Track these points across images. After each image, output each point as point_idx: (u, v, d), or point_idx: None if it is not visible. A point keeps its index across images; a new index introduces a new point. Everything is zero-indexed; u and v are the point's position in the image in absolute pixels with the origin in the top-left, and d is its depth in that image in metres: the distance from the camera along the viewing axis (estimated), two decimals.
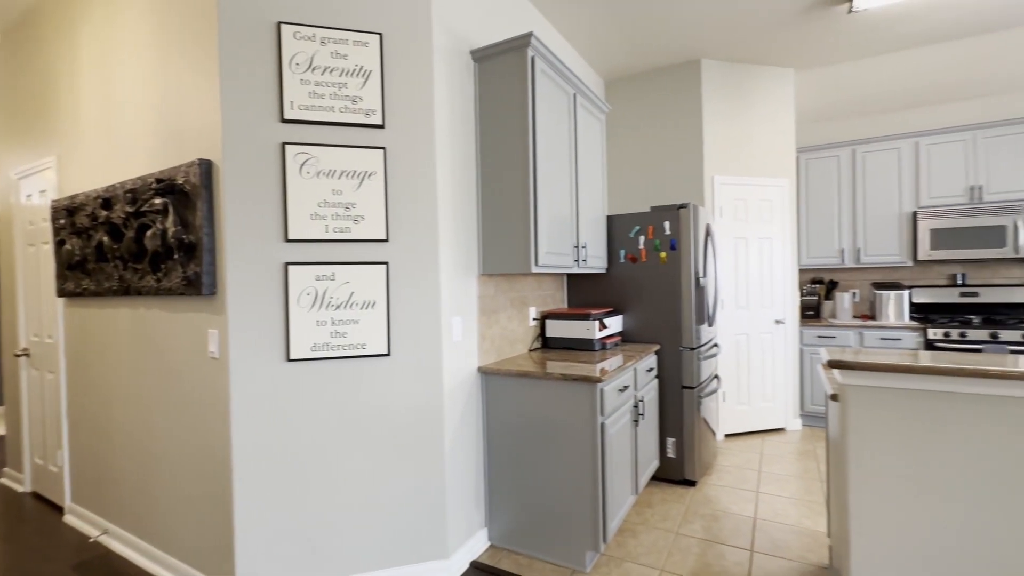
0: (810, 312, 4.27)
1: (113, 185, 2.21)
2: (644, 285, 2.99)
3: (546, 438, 2.15)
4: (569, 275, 3.26)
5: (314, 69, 1.87)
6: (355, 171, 1.92)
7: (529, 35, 2.12)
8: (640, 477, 2.56)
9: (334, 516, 1.90)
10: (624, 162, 3.93)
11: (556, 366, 2.24)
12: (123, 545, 2.29)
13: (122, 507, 2.32)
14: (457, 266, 2.17)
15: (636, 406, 2.49)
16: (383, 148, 1.96)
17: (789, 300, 3.85)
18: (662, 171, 3.79)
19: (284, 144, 1.83)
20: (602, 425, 2.06)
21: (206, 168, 1.84)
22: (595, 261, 2.85)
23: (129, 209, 2.11)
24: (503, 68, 2.23)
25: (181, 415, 2.01)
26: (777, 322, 3.83)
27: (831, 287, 4.32)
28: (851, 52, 3.56)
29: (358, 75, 1.93)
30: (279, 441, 1.84)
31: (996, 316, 3.69)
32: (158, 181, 1.96)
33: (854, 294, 4.17)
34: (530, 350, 2.74)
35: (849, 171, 4.02)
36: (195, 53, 1.89)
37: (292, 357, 1.85)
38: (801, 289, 4.32)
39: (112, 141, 2.29)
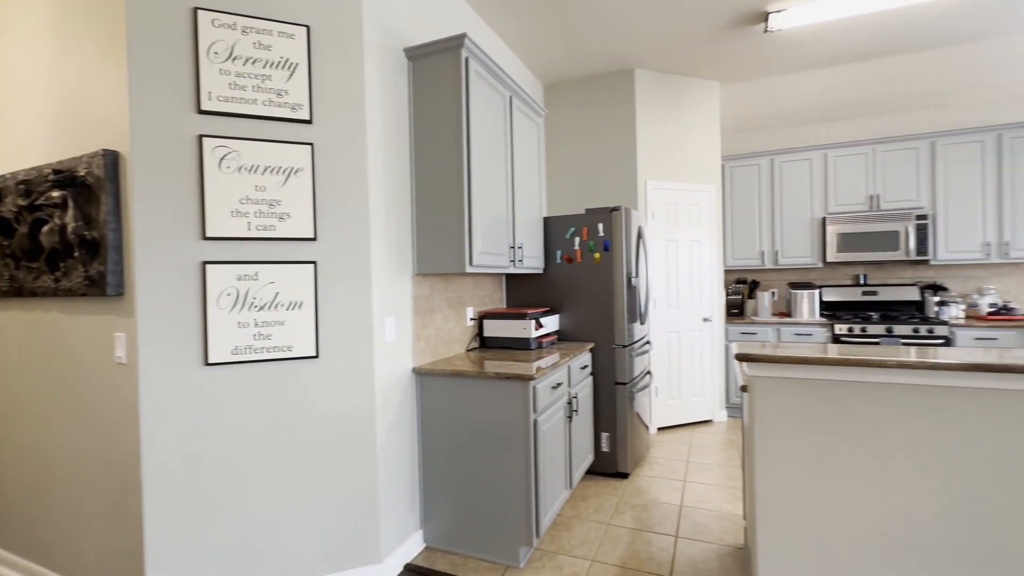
0: (735, 310, 4.55)
1: (3, 176, 2.01)
2: (580, 285, 3.08)
3: (481, 437, 2.16)
4: (508, 275, 3.30)
5: (235, 59, 1.79)
6: (280, 167, 1.85)
7: (463, 36, 2.14)
8: (574, 472, 2.63)
9: (258, 525, 1.83)
10: (564, 164, 4.02)
11: (491, 365, 2.26)
12: (13, 572, 2.08)
13: (11, 530, 2.10)
14: (390, 266, 2.14)
15: (570, 403, 2.56)
16: (311, 144, 1.90)
17: (716, 299, 4.09)
18: (599, 174, 3.91)
19: (201, 136, 1.74)
20: (535, 422, 2.10)
21: (112, 159, 1.72)
22: (532, 261, 2.90)
23: (22, 202, 1.92)
24: (437, 68, 2.23)
25: (84, 426, 1.86)
26: (705, 320, 4.06)
27: (753, 287, 4.62)
28: (768, 69, 3.84)
29: (283, 68, 1.86)
30: (196, 450, 1.74)
31: (892, 312, 4.09)
32: (56, 172, 1.80)
33: (773, 293, 4.48)
34: (467, 350, 2.75)
35: (768, 179, 4.32)
36: (101, 37, 1.75)
37: (211, 361, 1.75)
38: (727, 289, 4.60)
39: (2, 129, 2.08)
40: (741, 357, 1.51)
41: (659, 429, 3.94)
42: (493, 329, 2.82)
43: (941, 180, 3.83)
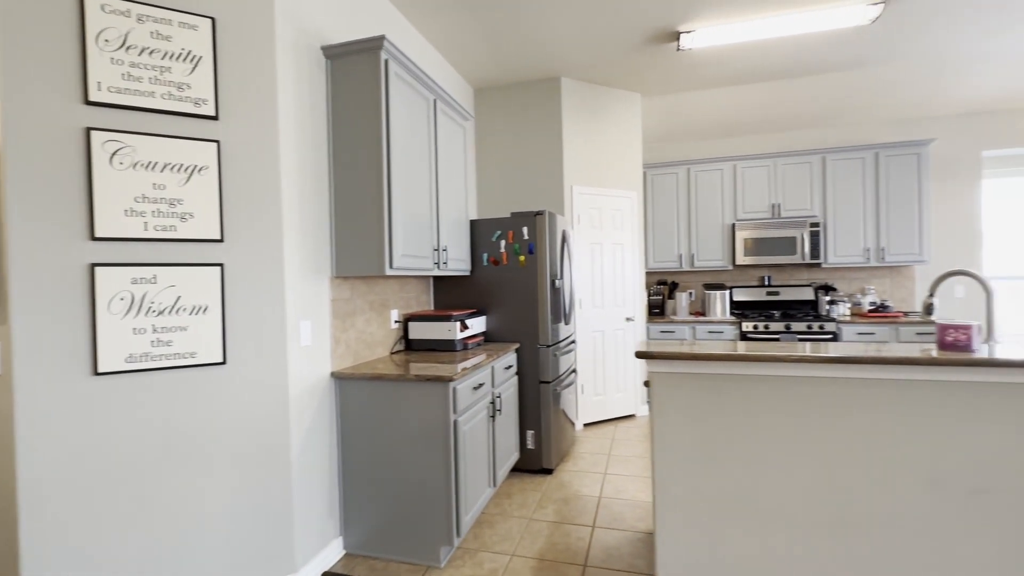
0: (656, 310, 4.81)
1: None
2: (505, 287, 3.14)
3: (401, 439, 2.17)
4: (436, 277, 3.31)
5: (129, 48, 1.68)
6: (182, 164, 1.76)
7: (382, 38, 2.13)
8: (498, 470, 2.68)
9: (158, 542, 1.72)
10: (495, 168, 4.08)
11: (412, 367, 2.27)
12: None
13: None
14: (306, 268, 2.09)
15: (493, 402, 2.61)
16: (217, 141, 1.82)
17: (638, 300, 4.31)
18: (529, 178, 4.01)
19: (89, 129, 1.62)
20: (455, 423, 2.14)
21: None
22: (457, 264, 2.93)
23: None
24: (356, 68, 2.20)
25: None
26: (628, 319, 4.27)
27: (673, 287, 4.92)
28: (683, 84, 4.10)
29: (185, 60, 1.77)
30: (85, 467, 1.62)
31: (791, 311, 4.50)
32: None
33: (691, 294, 4.79)
34: (392, 352, 2.73)
35: (685, 187, 4.61)
36: None
37: (101, 370, 1.64)
38: (649, 289, 4.85)
39: None
40: (640, 355, 1.62)
41: (585, 425, 4.09)
42: (418, 331, 2.82)
43: (830, 191, 4.27)
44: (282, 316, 1.95)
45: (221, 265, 1.83)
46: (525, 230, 3.08)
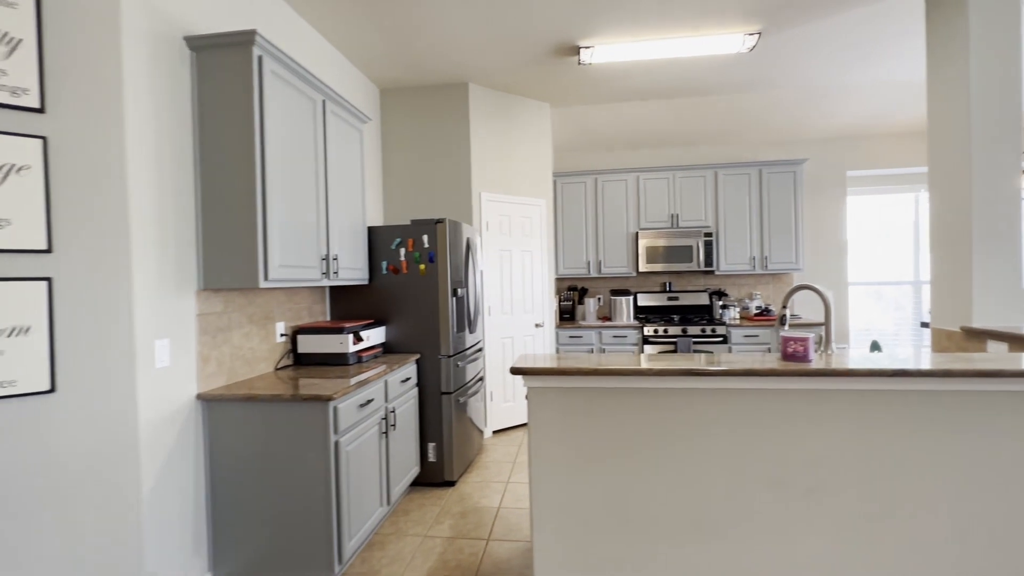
0: (567, 315, 4.93)
1: None
2: (406, 296, 3.05)
3: (278, 463, 2.02)
4: (332, 287, 3.15)
5: None
6: None
7: (253, 32, 1.97)
8: (393, 488, 2.59)
9: None
10: (403, 171, 3.97)
11: (293, 385, 2.12)
12: None
13: None
14: (164, 281, 1.89)
15: (386, 418, 2.52)
16: (43, 138, 1.59)
17: (547, 306, 4.38)
18: (437, 183, 3.93)
19: None
20: (336, 444, 2.02)
21: None
22: (351, 273, 2.80)
23: None
24: (225, 63, 2.02)
25: None
26: (537, 325, 4.32)
27: (583, 293, 5.06)
28: (586, 97, 4.23)
29: (1, 43, 1.53)
30: None
31: (689, 315, 4.79)
32: None
33: (599, 299, 4.95)
34: (277, 368, 2.55)
35: (593, 196, 4.76)
36: None
37: None
38: (560, 295, 4.96)
39: None
40: (514, 371, 1.62)
41: (494, 432, 4.09)
42: (308, 345, 2.66)
43: (722, 204, 4.59)
44: (129, 335, 1.74)
45: (49, 280, 1.60)
46: (425, 238, 3.01)
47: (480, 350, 3.68)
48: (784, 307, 1.93)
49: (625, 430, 1.63)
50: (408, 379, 2.85)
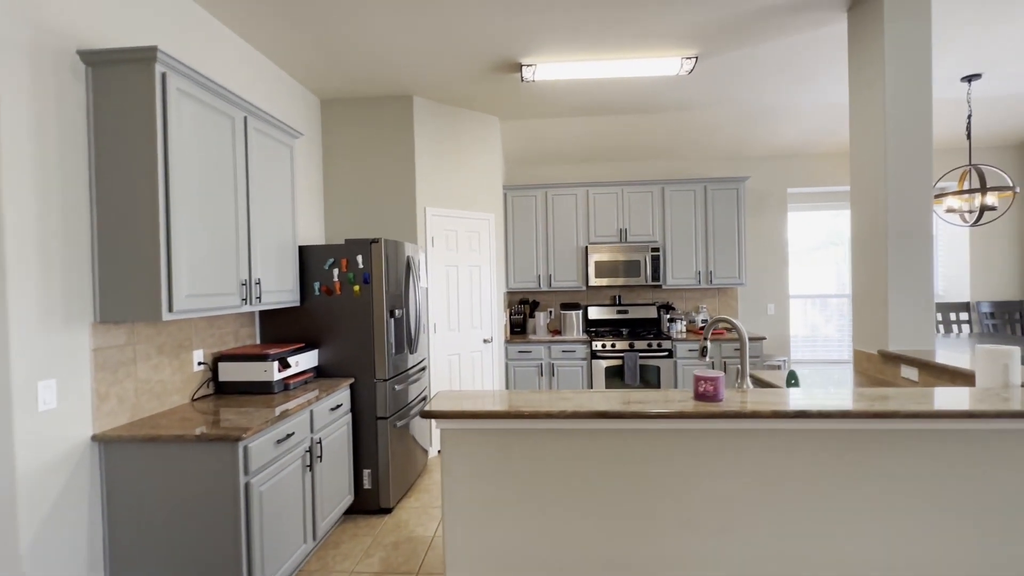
0: (518, 328, 4.89)
1: None
2: (340, 318, 2.95)
3: (184, 509, 1.89)
4: (262, 310, 3.00)
5: None
6: None
7: (154, 48, 1.84)
8: (321, 521, 2.49)
9: None
10: (347, 185, 3.85)
11: (201, 421, 2.00)
12: None
13: None
14: (49, 314, 1.74)
15: (311, 450, 2.41)
16: None
17: (496, 321, 4.34)
18: (382, 198, 3.84)
19: None
20: (247, 485, 1.91)
21: None
22: (277, 296, 2.68)
23: None
24: (125, 80, 1.88)
25: None
26: (486, 341, 4.27)
27: (534, 307, 5.04)
28: (535, 111, 4.22)
29: None
30: None
31: (638, 329, 4.84)
32: None
33: (550, 313, 4.94)
34: (194, 399, 2.41)
35: (543, 210, 4.75)
36: None
37: None
38: (511, 308, 4.93)
39: None
40: (424, 414, 1.56)
41: (439, 451, 4.00)
42: (230, 373, 2.52)
43: (669, 219, 4.66)
44: (5, 377, 1.59)
45: None
46: (359, 258, 2.92)
47: (423, 369, 3.61)
48: (705, 339, 1.94)
49: (540, 471, 1.60)
50: (339, 406, 2.74)
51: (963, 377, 2.00)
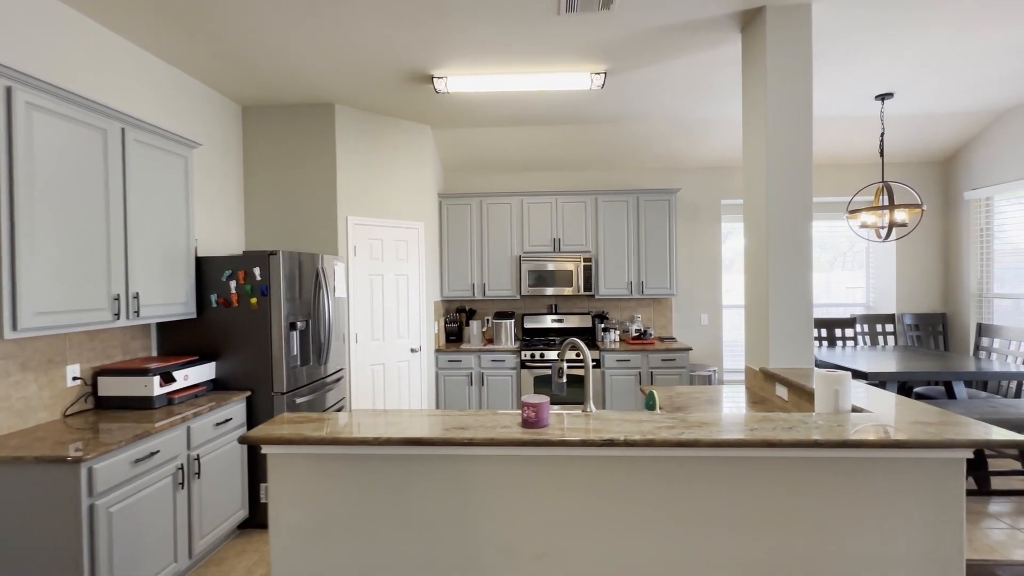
0: (453, 337, 4.89)
1: None
2: (238, 331, 2.91)
3: (27, 533, 1.85)
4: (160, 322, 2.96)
5: None
6: None
7: None
8: (199, 540, 2.45)
9: None
10: (268, 193, 3.81)
11: (64, 438, 1.96)
12: None
13: None
14: None
15: (186, 467, 2.38)
16: None
17: (424, 330, 4.33)
18: (304, 206, 3.81)
19: None
20: (92, 508, 1.88)
21: None
22: (164, 309, 2.63)
23: None
24: None
25: None
26: (413, 350, 4.26)
27: (471, 315, 5.04)
28: (463, 121, 4.22)
29: None
30: None
31: (573, 338, 4.86)
32: None
33: (487, 321, 4.94)
34: (66, 415, 2.36)
35: (478, 218, 4.75)
36: None
37: None
38: (447, 317, 4.92)
39: None
40: (241, 440, 1.54)
41: None
42: (110, 387, 2.48)
43: (602, 229, 4.69)
44: None
45: None
46: (257, 271, 2.89)
47: (339, 380, 3.58)
48: (562, 360, 1.95)
49: (365, 497, 1.59)
50: (228, 420, 2.71)
51: None
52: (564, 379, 1.99)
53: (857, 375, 3.31)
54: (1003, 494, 3.24)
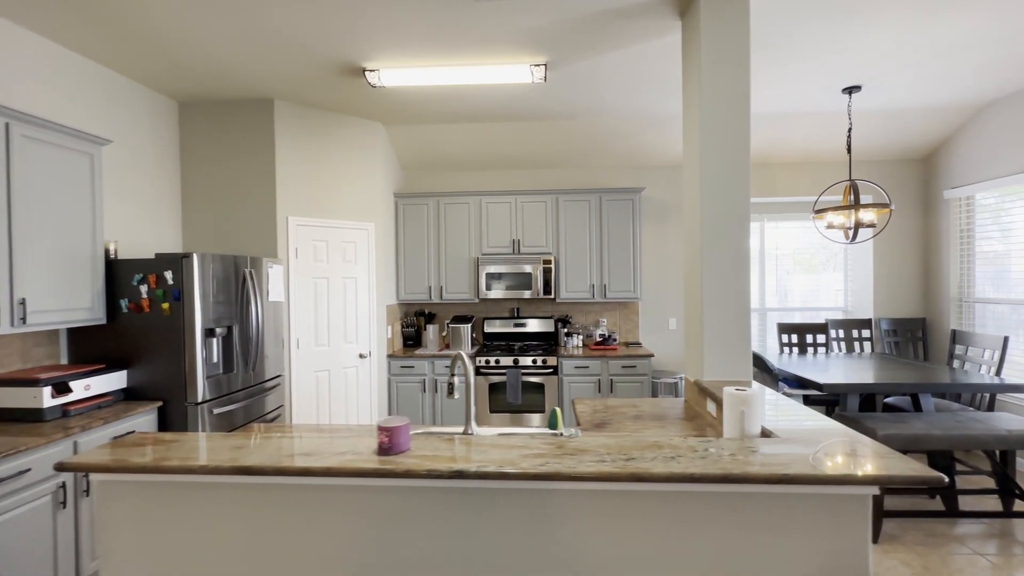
0: (411, 341, 4.72)
1: None
2: (149, 338, 2.76)
3: None
4: (72, 328, 2.81)
5: None
6: None
7: None
8: (90, 563, 2.30)
9: None
10: (206, 192, 3.67)
11: None
12: None
13: None
14: None
15: (63, 487, 2.22)
16: None
17: (374, 335, 4.16)
18: (243, 206, 3.66)
19: None
20: None
21: None
22: (61, 315, 2.48)
23: None
24: None
25: None
26: (362, 356, 4.09)
27: (430, 319, 4.87)
28: (415, 118, 4.06)
29: None
30: None
31: (534, 342, 4.68)
32: None
33: (446, 325, 4.77)
34: None
35: (435, 219, 4.58)
36: None
37: None
38: (404, 321, 4.75)
39: None
40: (57, 467, 1.38)
41: None
42: None
43: (563, 230, 4.51)
44: None
45: None
46: (169, 275, 2.73)
47: (276, 387, 3.42)
48: (453, 374, 1.78)
49: (213, 527, 1.43)
50: (130, 432, 2.55)
51: None
52: (454, 393, 1.82)
53: (812, 386, 3.11)
54: (973, 516, 3.03)
